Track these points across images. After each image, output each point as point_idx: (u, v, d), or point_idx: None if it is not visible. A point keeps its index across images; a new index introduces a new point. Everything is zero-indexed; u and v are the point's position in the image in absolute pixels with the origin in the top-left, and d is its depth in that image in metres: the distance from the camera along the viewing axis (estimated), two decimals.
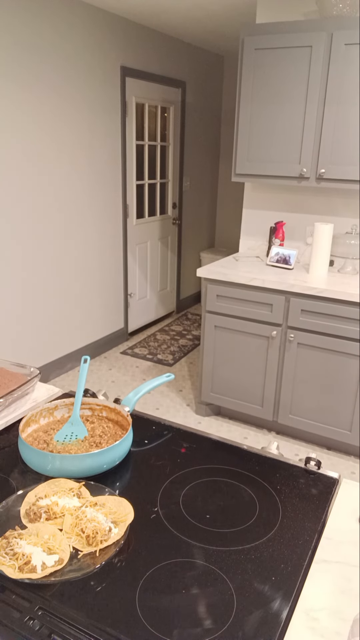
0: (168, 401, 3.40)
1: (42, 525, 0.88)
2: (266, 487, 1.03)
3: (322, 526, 0.93)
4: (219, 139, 5.38)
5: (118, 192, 4.00)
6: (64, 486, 0.97)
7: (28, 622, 0.72)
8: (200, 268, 2.89)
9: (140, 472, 1.10)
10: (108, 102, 3.70)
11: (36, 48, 3.04)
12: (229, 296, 2.85)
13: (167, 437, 1.22)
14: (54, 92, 3.22)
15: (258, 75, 2.73)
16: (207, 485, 1.04)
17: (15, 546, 0.81)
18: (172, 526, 0.91)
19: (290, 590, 0.78)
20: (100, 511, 0.90)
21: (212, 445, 1.20)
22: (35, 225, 3.29)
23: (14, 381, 1.37)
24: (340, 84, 2.52)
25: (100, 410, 1.24)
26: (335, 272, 2.94)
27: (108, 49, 3.59)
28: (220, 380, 3.04)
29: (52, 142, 3.29)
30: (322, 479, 1.06)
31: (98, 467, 1.03)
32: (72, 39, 3.27)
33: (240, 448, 1.18)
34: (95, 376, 3.78)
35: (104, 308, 4.11)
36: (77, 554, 0.83)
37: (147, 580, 0.79)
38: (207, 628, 0.72)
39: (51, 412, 1.21)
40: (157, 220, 4.61)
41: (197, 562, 0.84)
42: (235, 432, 3.07)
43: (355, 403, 2.66)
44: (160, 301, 4.91)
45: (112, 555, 0.83)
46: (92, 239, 3.81)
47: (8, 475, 1.04)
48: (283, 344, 2.78)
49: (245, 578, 0.80)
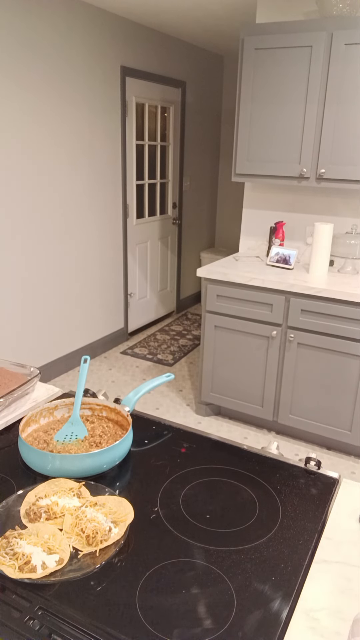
0: (168, 401, 3.40)
1: (42, 525, 0.88)
2: (266, 487, 1.03)
3: (322, 526, 0.93)
4: (219, 139, 5.38)
5: (118, 192, 4.00)
6: (64, 486, 0.97)
7: (28, 622, 0.72)
8: (200, 268, 2.89)
9: (140, 472, 1.10)
10: (108, 102, 3.70)
11: (36, 48, 3.04)
12: (229, 296, 2.85)
13: (167, 437, 1.22)
14: (54, 92, 3.22)
15: (258, 75, 2.72)
16: (207, 485, 1.04)
17: (15, 546, 0.81)
18: (172, 526, 0.91)
19: (290, 590, 0.78)
20: (100, 511, 0.90)
21: (212, 445, 1.20)
22: (35, 225, 3.29)
23: (14, 381, 1.37)
24: (340, 83, 2.52)
25: (100, 410, 1.24)
26: (335, 272, 2.94)
27: (108, 49, 3.59)
28: (220, 380, 3.04)
29: (52, 142, 3.29)
30: (322, 479, 1.06)
31: (98, 467, 1.03)
32: (72, 38, 3.27)
33: (240, 448, 1.18)
34: (95, 376, 3.78)
35: (104, 308, 4.11)
36: (77, 554, 0.83)
37: (147, 580, 0.79)
38: (207, 628, 0.72)
39: (51, 412, 1.21)
40: (157, 220, 4.61)
41: (197, 562, 0.84)
42: (235, 432, 3.07)
43: (355, 403, 2.66)
44: (160, 301, 4.91)
45: (112, 555, 0.83)
46: (92, 239, 3.81)
47: (8, 475, 1.04)
48: (283, 344, 2.78)
49: (245, 578, 0.80)
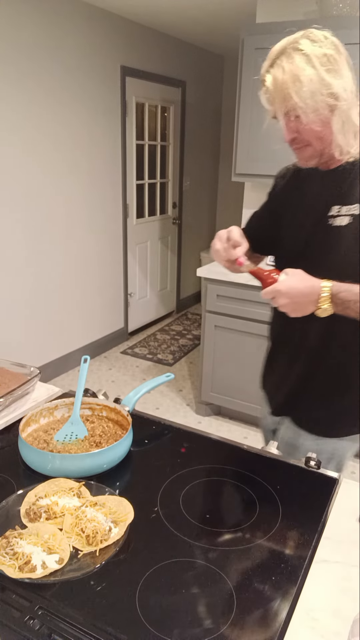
0: (168, 401, 3.40)
1: (42, 524, 0.88)
2: (266, 487, 1.03)
3: (322, 526, 0.93)
4: (219, 139, 5.38)
5: (118, 192, 3.99)
6: (64, 486, 0.97)
7: (28, 622, 0.72)
8: (201, 268, 2.89)
9: (140, 472, 1.10)
10: (108, 102, 3.70)
11: (36, 48, 3.04)
12: (229, 296, 2.85)
13: (167, 437, 1.22)
14: (54, 91, 3.22)
15: (258, 74, 2.72)
16: (207, 485, 1.04)
17: (16, 546, 0.81)
18: (172, 526, 0.91)
19: (290, 590, 0.78)
20: (100, 511, 0.90)
21: (212, 445, 1.20)
22: (35, 225, 3.29)
23: (14, 381, 1.37)
24: None
25: (100, 410, 1.24)
26: None
27: (108, 49, 3.59)
28: (220, 380, 3.04)
29: (52, 142, 3.29)
30: (322, 478, 1.06)
31: (98, 467, 1.03)
32: (72, 38, 3.27)
33: (240, 448, 1.18)
34: (95, 376, 3.78)
35: (104, 308, 4.11)
36: (77, 554, 0.83)
37: (147, 580, 0.79)
38: (207, 628, 0.72)
39: (51, 411, 1.21)
40: (157, 220, 4.61)
41: (197, 562, 0.84)
42: (235, 432, 3.07)
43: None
44: (160, 301, 4.91)
45: (112, 555, 0.83)
46: (92, 239, 3.81)
47: (8, 475, 1.04)
48: None
49: (245, 578, 0.80)
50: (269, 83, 1.07)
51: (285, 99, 1.04)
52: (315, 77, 1.02)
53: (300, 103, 1.03)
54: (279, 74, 1.04)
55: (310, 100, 1.03)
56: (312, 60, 1.02)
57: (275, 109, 1.08)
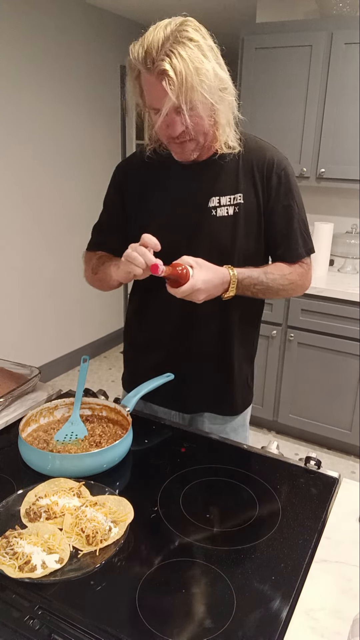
0: None
1: (42, 524, 0.88)
2: (266, 486, 1.03)
3: (322, 526, 0.93)
4: None
5: None
6: (64, 486, 0.97)
7: (28, 622, 0.71)
8: None
9: (140, 472, 1.10)
10: (108, 102, 3.69)
11: (36, 48, 3.03)
12: None
13: (167, 437, 1.22)
14: (54, 92, 3.22)
15: (258, 74, 2.72)
16: (207, 485, 1.04)
17: (16, 546, 0.81)
18: (172, 526, 0.91)
19: (290, 590, 0.78)
20: (100, 511, 0.90)
21: (212, 445, 1.20)
22: (35, 225, 3.29)
23: (14, 381, 1.37)
24: (341, 83, 2.52)
25: (100, 409, 1.24)
26: (335, 272, 2.94)
27: (108, 49, 3.59)
28: None
29: (51, 142, 3.28)
30: (322, 478, 1.06)
31: (98, 467, 1.03)
32: (72, 38, 3.27)
33: (240, 448, 1.18)
34: (95, 376, 3.78)
35: (104, 307, 4.11)
36: (77, 554, 0.83)
37: (147, 579, 0.79)
38: (207, 628, 0.72)
39: (51, 411, 1.21)
40: None
41: (197, 562, 0.84)
42: None
43: (355, 402, 2.66)
44: None
45: (112, 555, 0.83)
46: None
47: (8, 475, 1.04)
48: (283, 343, 2.78)
49: (245, 578, 0.80)
50: (171, 74, 0.96)
51: (188, 91, 0.97)
52: (211, 70, 0.99)
53: (202, 97, 0.99)
54: (179, 65, 0.96)
55: (209, 93, 1.00)
56: (206, 53, 1.00)
57: (165, 101, 0.99)
